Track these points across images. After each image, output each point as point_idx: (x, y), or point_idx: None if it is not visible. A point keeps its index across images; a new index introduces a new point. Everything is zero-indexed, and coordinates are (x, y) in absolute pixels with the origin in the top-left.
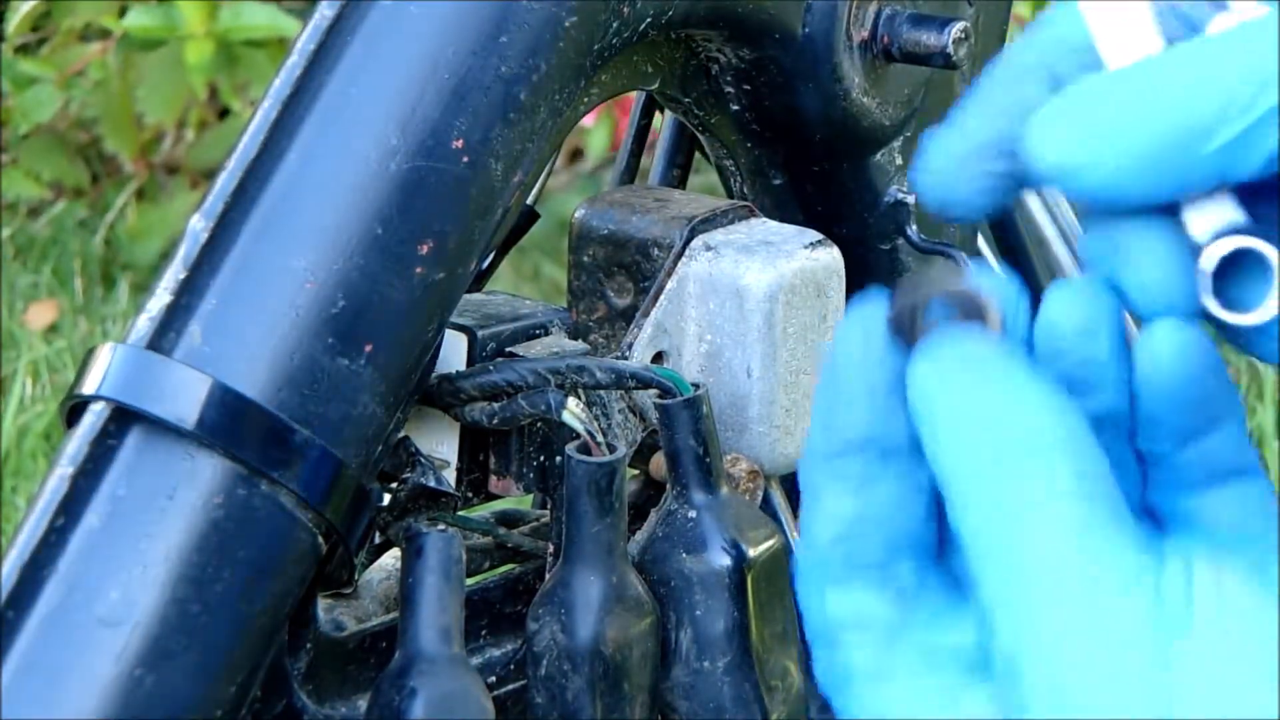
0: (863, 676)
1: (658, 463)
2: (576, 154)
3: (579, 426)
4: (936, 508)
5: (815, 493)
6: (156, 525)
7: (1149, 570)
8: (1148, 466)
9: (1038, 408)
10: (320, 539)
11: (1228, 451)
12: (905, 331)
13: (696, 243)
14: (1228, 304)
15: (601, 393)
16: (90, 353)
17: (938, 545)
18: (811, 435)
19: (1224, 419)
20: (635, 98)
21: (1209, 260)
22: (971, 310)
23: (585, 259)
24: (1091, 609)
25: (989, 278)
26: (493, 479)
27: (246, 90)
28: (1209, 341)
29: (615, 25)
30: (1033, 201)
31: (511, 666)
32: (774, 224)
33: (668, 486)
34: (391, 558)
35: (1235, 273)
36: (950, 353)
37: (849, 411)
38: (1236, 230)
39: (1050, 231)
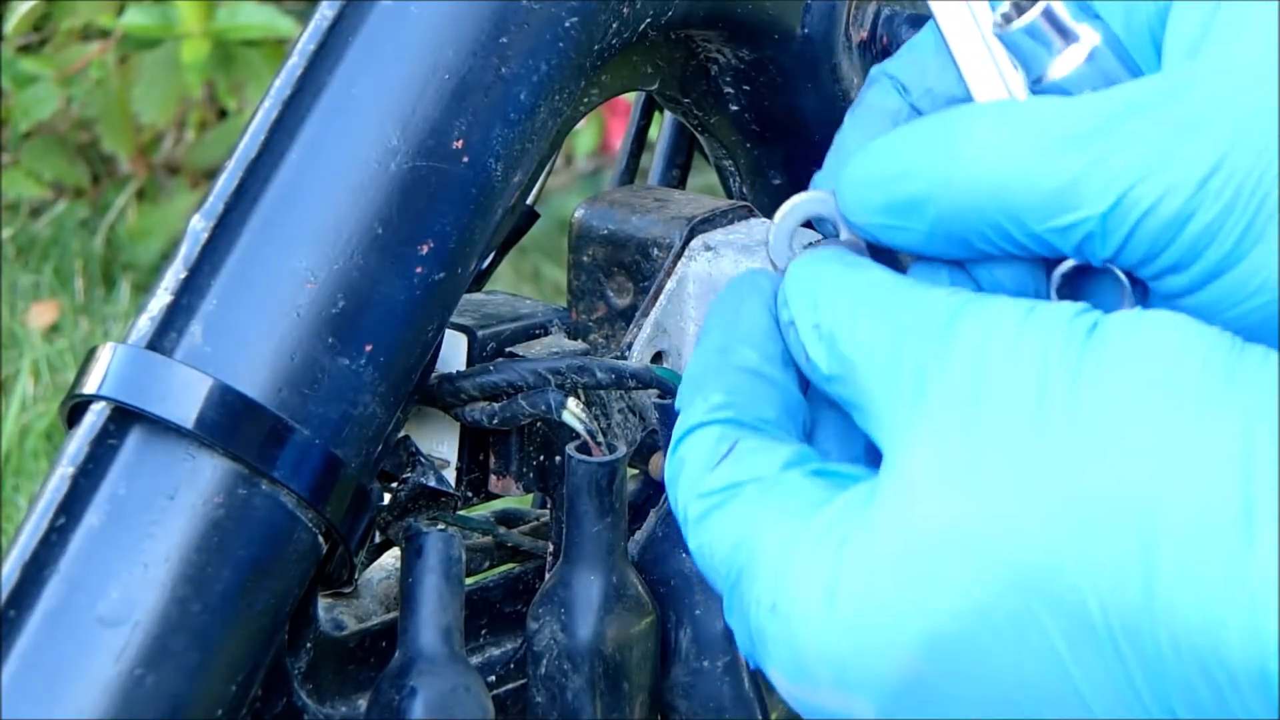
0: (751, 497)
1: (657, 463)
2: (573, 155)
3: (579, 426)
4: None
5: (701, 383)
6: (157, 525)
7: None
8: None
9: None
10: (320, 538)
11: None
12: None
13: (696, 243)
14: None
15: (601, 393)
16: (91, 353)
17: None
18: (706, 335)
19: None
20: (635, 98)
21: (1058, 273)
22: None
23: (585, 259)
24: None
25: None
26: (493, 479)
27: (242, 90)
28: None
29: (615, 25)
30: None
31: (511, 665)
32: None
33: None
34: (391, 557)
35: (1098, 289)
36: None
37: (750, 316)
38: None
39: None
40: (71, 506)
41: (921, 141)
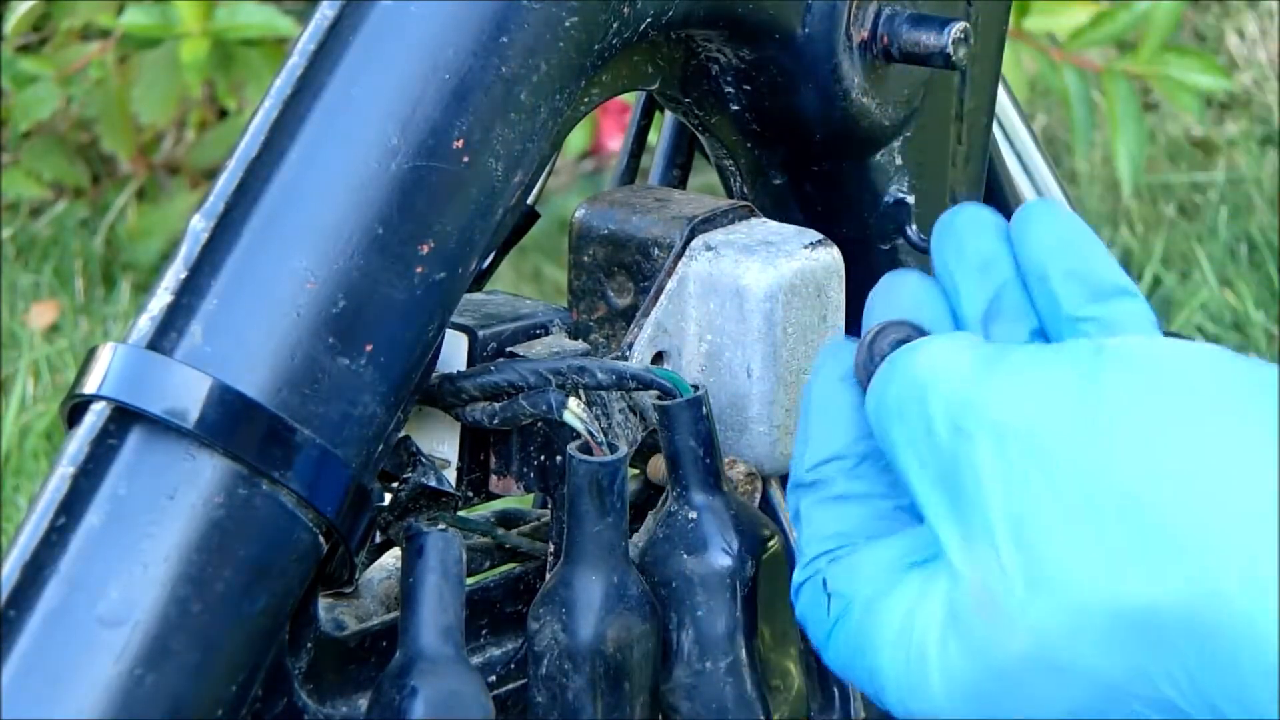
0: (862, 601)
1: (655, 465)
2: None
3: (580, 426)
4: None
5: (798, 516)
6: (157, 525)
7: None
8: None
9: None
10: (321, 538)
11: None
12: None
13: (696, 242)
14: None
15: (602, 393)
16: (91, 352)
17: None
18: (799, 443)
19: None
20: (635, 98)
21: None
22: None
23: (585, 259)
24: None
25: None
26: (493, 479)
27: (242, 90)
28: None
29: (615, 25)
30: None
31: (512, 666)
32: (774, 224)
33: (668, 487)
34: (392, 557)
35: None
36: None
37: (832, 425)
38: None
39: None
40: (71, 506)
41: None
